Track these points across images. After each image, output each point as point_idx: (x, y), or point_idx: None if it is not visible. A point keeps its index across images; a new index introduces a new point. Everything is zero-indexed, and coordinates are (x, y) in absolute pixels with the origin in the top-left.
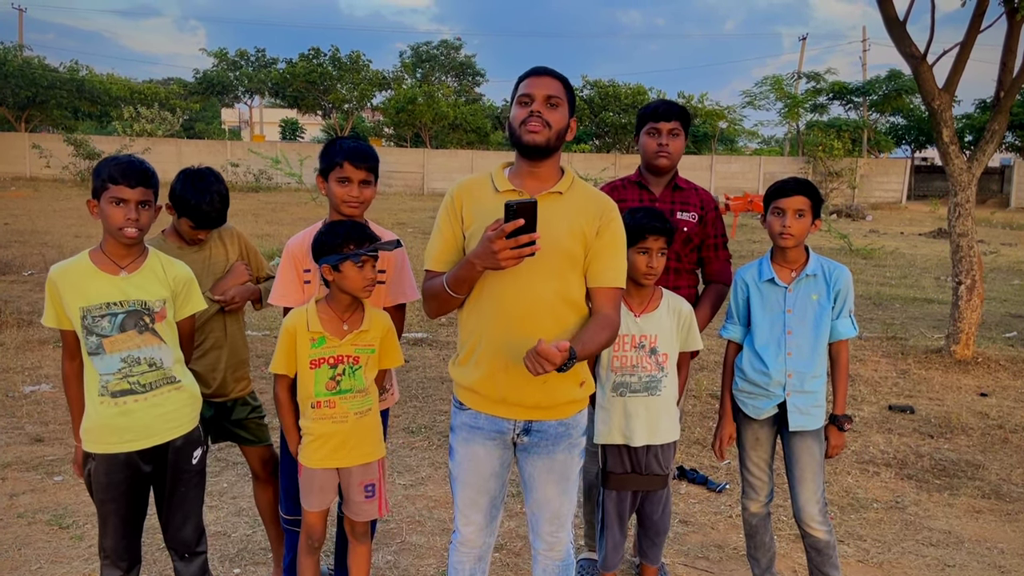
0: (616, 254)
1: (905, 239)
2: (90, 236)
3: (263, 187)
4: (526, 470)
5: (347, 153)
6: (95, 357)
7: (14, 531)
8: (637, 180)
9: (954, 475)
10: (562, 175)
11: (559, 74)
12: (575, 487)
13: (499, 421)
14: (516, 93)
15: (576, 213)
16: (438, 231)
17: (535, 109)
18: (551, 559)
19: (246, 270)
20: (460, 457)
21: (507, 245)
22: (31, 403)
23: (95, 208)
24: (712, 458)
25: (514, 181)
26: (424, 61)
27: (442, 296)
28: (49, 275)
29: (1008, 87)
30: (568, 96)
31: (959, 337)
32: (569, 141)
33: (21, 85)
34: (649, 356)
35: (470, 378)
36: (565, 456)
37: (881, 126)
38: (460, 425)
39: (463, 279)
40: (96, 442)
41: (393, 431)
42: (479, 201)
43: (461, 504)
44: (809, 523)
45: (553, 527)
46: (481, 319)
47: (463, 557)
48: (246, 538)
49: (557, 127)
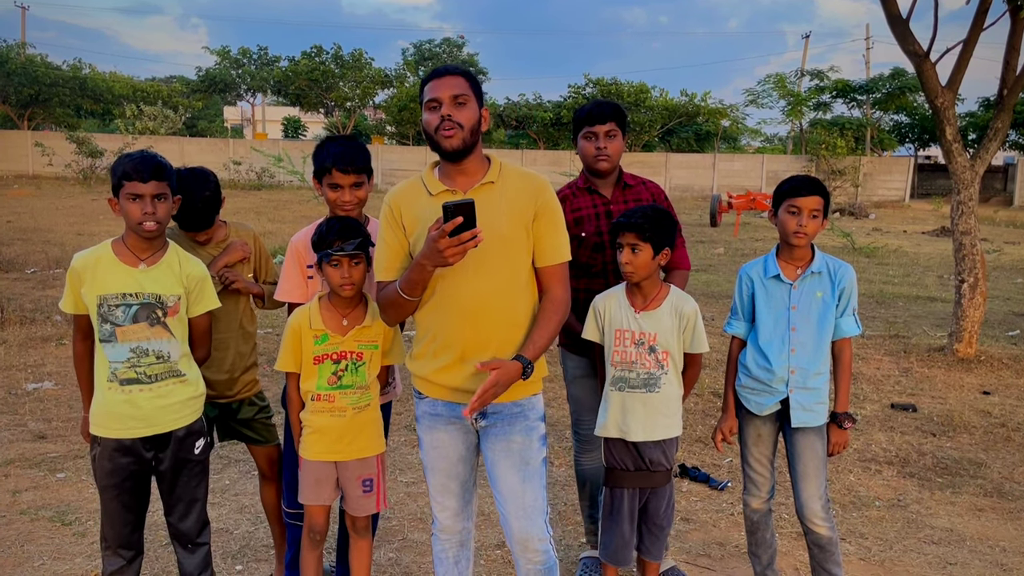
0: (556, 232)
1: (908, 237)
2: (93, 234)
3: (265, 185)
4: (488, 457)
5: (335, 159)
6: (107, 344)
7: (17, 528)
8: (586, 186)
9: (956, 473)
10: (488, 165)
11: (460, 69)
12: (537, 476)
13: (456, 407)
14: (423, 98)
15: (511, 200)
16: (383, 242)
17: (444, 113)
18: (532, 563)
19: (242, 248)
20: (427, 445)
21: (451, 243)
22: (34, 400)
23: (116, 206)
24: (714, 456)
25: (445, 181)
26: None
27: (398, 301)
28: (72, 263)
29: (1011, 85)
30: (474, 89)
31: (962, 335)
32: (485, 131)
33: (24, 83)
34: (648, 353)
35: (426, 369)
36: (522, 438)
37: (884, 124)
38: (422, 414)
39: (415, 281)
40: (101, 426)
41: (395, 429)
42: (415, 206)
43: (434, 491)
44: (812, 520)
45: (522, 523)
46: (436, 315)
47: (445, 545)
48: (248, 535)
49: (469, 124)
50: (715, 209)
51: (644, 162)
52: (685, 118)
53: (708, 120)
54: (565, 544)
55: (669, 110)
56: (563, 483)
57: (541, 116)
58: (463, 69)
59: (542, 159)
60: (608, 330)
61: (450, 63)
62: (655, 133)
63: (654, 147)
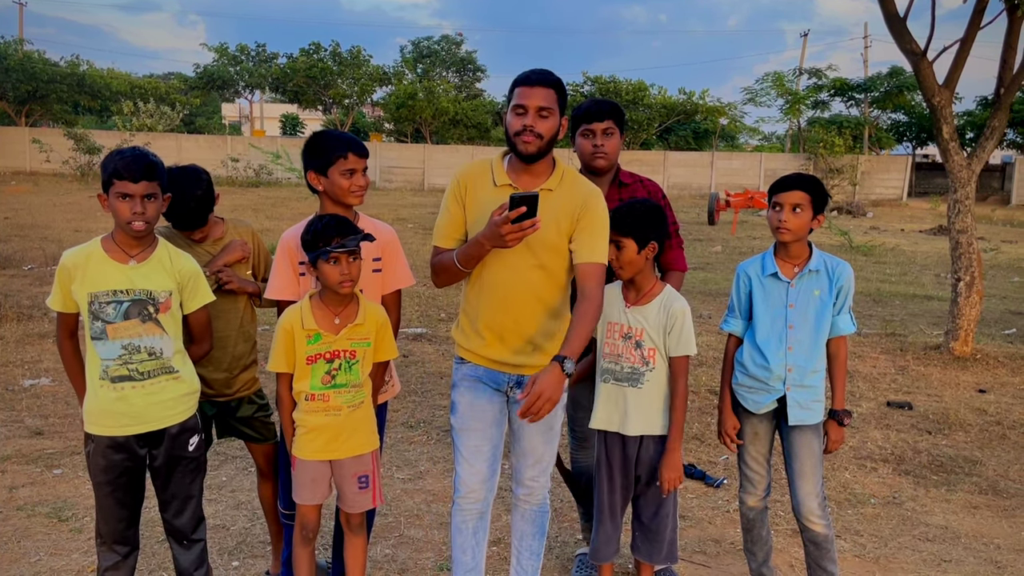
0: (596, 234)
1: (905, 236)
2: (90, 231)
3: (263, 182)
4: (515, 420)
5: (350, 144)
6: (98, 342)
7: (14, 524)
8: None
9: (951, 471)
10: (552, 170)
11: (551, 79)
12: (556, 437)
13: (496, 374)
14: (511, 98)
15: (561, 209)
16: (446, 210)
17: (528, 124)
18: (530, 504)
19: (241, 248)
20: (463, 407)
21: (512, 229)
22: (31, 397)
23: (105, 202)
24: (710, 453)
25: (511, 175)
26: (425, 56)
27: (452, 269)
28: (61, 260)
29: (1008, 84)
30: (560, 101)
31: (958, 334)
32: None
33: (21, 79)
34: (635, 348)
35: (470, 343)
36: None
37: (882, 123)
38: (462, 377)
39: (472, 256)
40: (94, 423)
41: (392, 426)
42: (480, 190)
43: (465, 452)
44: (808, 517)
45: (535, 472)
46: (480, 298)
47: (466, 516)
48: (245, 531)
49: (548, 136)
50: (713, 207)
51: (642, 160)
52: (683, 116)
53: (706, 118)
54: (561, 541)
55: (667, 108)
56: (559, 479)
57: None
58: (554, 79)
59: None
60: (601, 322)
61: (539, 69)
62: (653, 131)
63: (652, 145)
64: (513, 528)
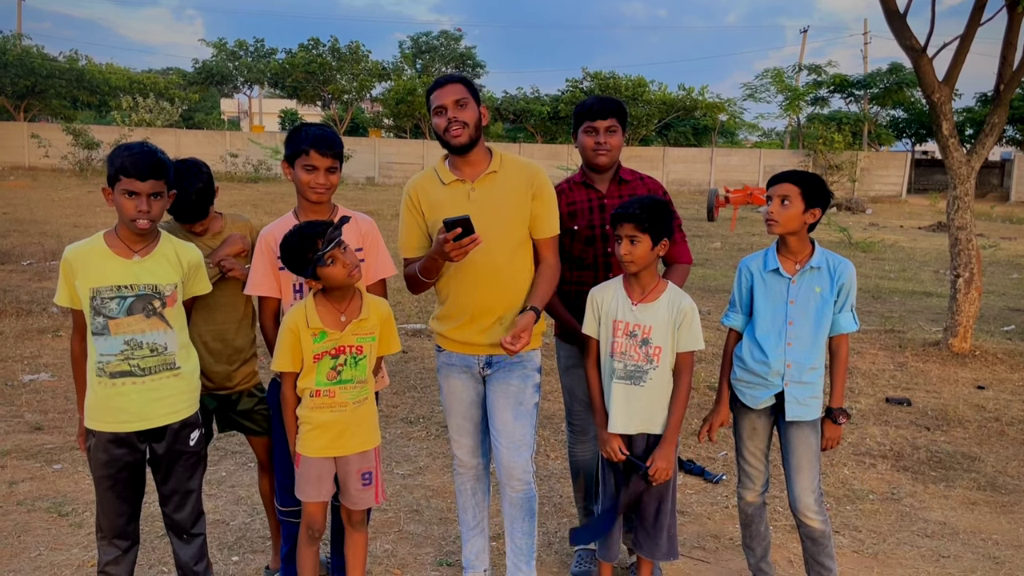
0: (550, 210)
1: (904, 233)
2: (89, 226)
3: (262, 177)
4: (489, 398)
5: (312, 140)
6: (98, 337)
7: (13, 518)
8: (582, 180)
9: (950, 467)
10: (491, 156)
11: (458, 77)
12: (528, 416)
13: (467, 358)
14: (430, 106)
15: (512, 186)
16: (405, 224)
17: (450, 116)
18: (514, 490)
19: (241, 241)
20: (445, 391)
21: (454, 247)
22: (30, 392)
23: (109, 196)
24: (709, 450)
25: (454, 171)
26: (424, 52)
27: (417, 280)
28: (64, 255)
29: (1008, 80)
30: (471, 92)
31: (957, 330)
32: (485, 125)
33: (20, 74)
34: (640, 346)
35: (444, 328)
36: (519, 383)
37: (882, 119)
38: (441, 365)
39: (430, 269)
40: (95, 419)
41: (392, 421)
42: (431, 194)
43: (453, 431)
44: (805, 513)
45: (511, 453)
46: (452, 284)
47: (464, 479)
48: (244, 526)
49: (473, 123)
50: (712, 203)
51: (641, 156)
52: (683, 112)
53: (706, 114)
54: (561, 536)
55: (667, 104)
56: (558, 476)
57: (539, 110)
58: (459, 76)
59: (539, 153)
60: (605, 321)
61: (451, 72)
62: (652, 127)
63: (651, 141)
64: (504, 514)
